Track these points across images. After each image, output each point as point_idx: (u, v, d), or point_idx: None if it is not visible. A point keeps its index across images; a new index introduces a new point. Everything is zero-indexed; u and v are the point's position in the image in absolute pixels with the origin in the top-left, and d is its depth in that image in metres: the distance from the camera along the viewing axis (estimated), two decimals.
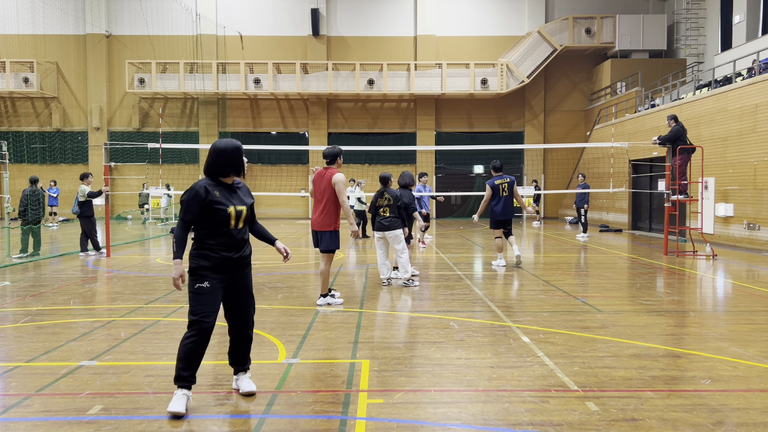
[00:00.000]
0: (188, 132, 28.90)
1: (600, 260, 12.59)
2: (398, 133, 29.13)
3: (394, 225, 8.95)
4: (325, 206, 7.46)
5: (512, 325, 6.47)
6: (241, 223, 4.16)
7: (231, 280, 4.18)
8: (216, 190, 4.08)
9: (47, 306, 7.63)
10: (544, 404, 4.13)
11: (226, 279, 4.13)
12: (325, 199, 7.45)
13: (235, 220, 4.11)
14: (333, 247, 7.49)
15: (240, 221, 4.14)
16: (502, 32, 28.93)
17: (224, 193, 4.11)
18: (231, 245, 4.11)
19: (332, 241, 7.48)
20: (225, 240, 4.09)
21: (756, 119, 14.70)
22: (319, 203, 7.52)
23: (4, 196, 13.92)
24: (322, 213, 7.47)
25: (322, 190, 7.48)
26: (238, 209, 4.11)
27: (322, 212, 7.47)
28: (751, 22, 21.19)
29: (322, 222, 7.47)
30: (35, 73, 27.35)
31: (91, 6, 28.20)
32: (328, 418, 3.91)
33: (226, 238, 4.09)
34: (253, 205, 4.32)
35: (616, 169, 22.07)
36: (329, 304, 7.61)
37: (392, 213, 8.94)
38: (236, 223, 4.12)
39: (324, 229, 7.46)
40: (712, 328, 6.44)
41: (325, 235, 7.48)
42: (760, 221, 14.48)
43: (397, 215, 8.94)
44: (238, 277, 4.22)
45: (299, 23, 28.66)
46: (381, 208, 9.01)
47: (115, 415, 3.94)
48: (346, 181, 7.62)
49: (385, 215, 8.98)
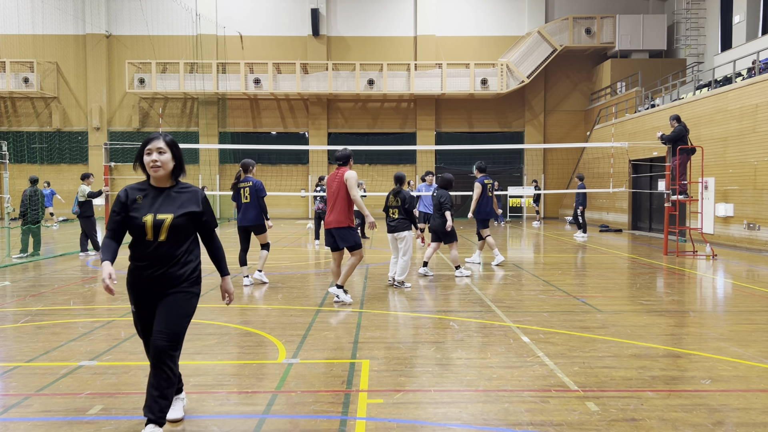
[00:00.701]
0: (188, 132, 28.90)
1: (600, 260, 12.59)
2: (398, 133, 29.13)
3: (400, 227, 9.00)
4: (338, 204, 7.54)
5: (512, 325, 6.47)
6: (163, 235, 3.49)
7: (156, 302, 3.58)
8: (140, 194, 3.58)
9: (47, 306, 7.63)
10: (544, 404, 4.13)
11: (151, 300, 3.57)
12: (338, 198, 7.55)
13: (152, 231, 3.48)
14: (354, 241, 7.56)
15: (161, 233, 3.49)
16: (502, 32, 28.93)
17: (150, 199, 3.57)
18: (147, 260, 3.51)
19: (352, 236, 7.56)
20: (140, 253, 3.53)
21: (756, 119, 14.70)
22: (333, 203, 7.60)
23: (4, 196, 13.92)
24: (335, 211, 7.55)
25: (335, 189, 7.57)
26: (158, 218, 3.49)
27: (335, 210, 7.55)
28: (751, 22, 21.19)
29: (336, 219, 7.55)
30: (35, 73, 27.35)
31: (90, 6, 28.19)
32: (328, 418, 3.91)
33: (142, 251, 3.52)
34: (199, 216, 3.64)
35: (616, 169, 22.07)
36: (338, 297, 7.64)
37: (401, 214, 9.00)
38: (154, 235, 3.49)
39: (338, 226, 7.52)
40: (712, 328, 6.44)
41: (341, 232, 7.53)
42: (760, 221, 14.48)
43: (405, 217, 8.98)
44: (165, 297, 3.57)
45: (299, 23, 28.67)
46: (391, 209, 9.07)
47: (115, 415, 3.94)
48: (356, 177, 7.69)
49: (394, 216, 9.07)
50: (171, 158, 3.60)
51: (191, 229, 3.64)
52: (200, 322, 6.67)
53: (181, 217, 3.54)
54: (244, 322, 6.69)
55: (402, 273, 9.00)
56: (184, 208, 3.57)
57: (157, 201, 3.56)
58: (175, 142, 3.67)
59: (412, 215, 9.03)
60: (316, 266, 11.77)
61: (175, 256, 3.56)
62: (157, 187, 3.62)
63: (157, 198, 3.57)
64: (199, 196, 3.67)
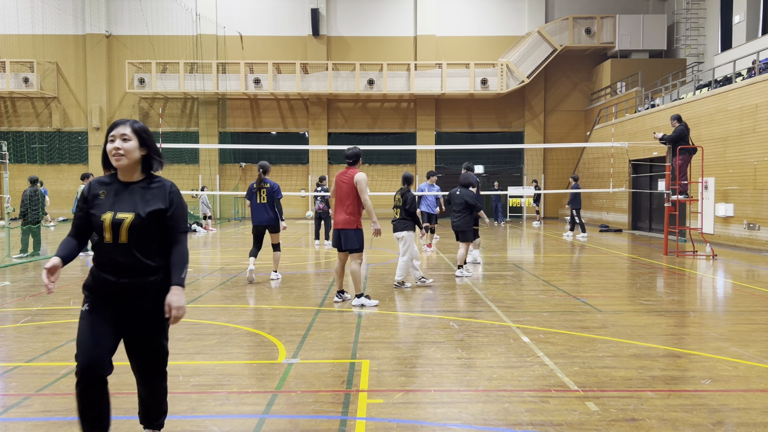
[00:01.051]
0: (188, 132, 28.91)
1: (600, 260, 12.59)
2: (398, 133, 29.13)
3: (399, 227, 9.01)
4: (346, 205, 7.52)
5: (512, 325, 6.47)
6: (124, 237, 2.99)
7: (121, 313, 3.08)
8: (103, 189, 3.10)
9: (47, 306, 7.63)
10: (544, 404, 4.13)
11: (111, 308, 3.07)
12: (348, 199, 7.51)
13: (111, 231, 2.99)
14: (357, 245, 7.53)
15: (121, 233, 2.99)
16: (502, 32, 28.93)
17: (112, 195, 3.08)
18: (108, 264, 3.03)
19: (356, 239, 7.52)
20: (101, 256, 3.07)
21: (756, 119, 14.70)
22: (341, 203, 7.57)
23: (4, 196, 13.91)
24: (344, 212, 7.53)
25: (345, 190, 7.54)
26: (117, 217, 2.99)
27: (344, 211, 7.53)
28: (751, 22, 21.19)
29: (343, 220, 7.53)
30: (35, 73, 27.35)
31: (90, 6, 28.19)
32: (328, 418, 3.90)
33: (102, 253, 3.05)
34: (162, 213, 3.09)
35: (616, 169, 22.07)
36: (363, 305, 7.57)
37: (402, 215, 9.01)
38: (113, 236, 2.99)
39: (347, 227, 7.51)
40: (712, 328, 6.44)
41: (348, 233, 7.52)
42: (760, 221, 14.48)
43: (405, 217, 8.99)
44: (129, 311, 3.08)
45: (299, 23, 28.66)
46: (395, 209, 9.12)
47: (114, 415, 3.93)
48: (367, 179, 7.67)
49: (396, 216, 9.10)
50: (137, 146, 3.07)
51: (156, 229, 3.09)
52: (200, 322, 6.67)
53: (144, 216, 3.01)
54: (244, 322, 6.69)
55: (401, 273, 8.99)
56: (149, 206, 3.05)
57: (119, 197, 3.06)
58: (144, 128, 3.16)
59: (414, 216, 9.02)
60: (316, 266, 11.77)
61: (141, 263, 3.03)
62: (123, 180, 3.11)
63: (121, 193, 3.07)
64: (167, 190, 3.12)
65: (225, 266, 11.63)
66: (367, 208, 7.50)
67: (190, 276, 10.22)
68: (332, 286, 9.16)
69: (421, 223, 9.33)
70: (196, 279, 9.93)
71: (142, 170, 3.14)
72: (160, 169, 3.19)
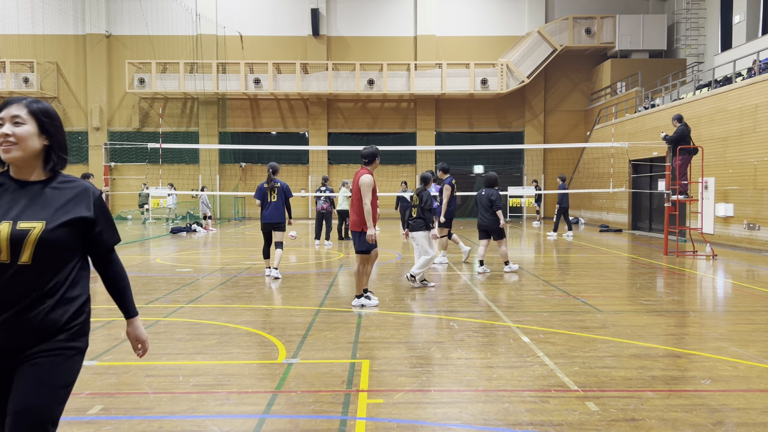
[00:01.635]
0: (188, 132, 28.91)
1: (600, 260, 12.59)
2: (398, 133, 29.13)
3: (415, 226, 9.05)
4: (357, 206, 7.48)
5: (512, 325, 6.47)
6: (26, 255, 2.15)
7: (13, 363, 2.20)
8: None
9: None
10: (544, 404, 4.13)
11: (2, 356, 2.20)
12: (356, 200, 7.48)
13: (9, 248, 2.15)
14: (362, 248, 7.48)
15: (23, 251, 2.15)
16: (502, 32, 28.93)
17: (7, 199, 2.23)
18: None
19: (362, 241, 7.48)
20: None
21: (756, 119, 14.70)
22: (354, 203, 7.54)
23: None
24: (355, 213, 7.52)
25: (356, 190, 7.50)
26: (18, 229, 2.16)
27: (355, 212, 7.52)
28: (751, 22, 21.19)
29: (354, 222, 7.52)
30: (35, 73, 27.35)
31: (90, 6, 28.19)
32: (328, 418, 3.90)
33: None
34: (89, 226, 2.32)
35: (616, 169, 22.07)
36: (363, 306, 7.55)
37: (418, 214, 9.03)
38: (11, 255, 2.15)
39: (356, 229, 7.50)
40: (712, 328, 6.44)
41: (356, 235, 7.52)
42: (760, 221, 14.48)
43: (421, 216, 9.00)
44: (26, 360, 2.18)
45: (299, 23, 28.66)
46: (412, 208, 9.19)
47: (115, 415, 3.94)
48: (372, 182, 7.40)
49: (413, 215, 9.14)
50: (36, 133, 2.24)
51: (76, 246, 2.31)
52: (200, 322, 6.67)
53: (58, 227, 2.21)
54: (244, 322, 6.69)
55: (419, 267, 8.90)
56: (64, 214, 2.24)
57: (17, 201, 2.22)
58: (47, 109, 2.30)
59: (426, 214, 9.02)
60: (317, 266, 11.77)
61: (47, 291, 2.20)
62: (19, 179, 2.28)
63: (19, 196, 2.23)
64: (91, 194, 2.33)
65: (225, 266, 11.63)
66: (365, 211, 7.40)
67: (191, 276, 10.23)
68: (332, 287, 9.16)
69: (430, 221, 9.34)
70: (196, 279, 9.93)
71: (45, 167, 2.30)
72: (61, 169, 2.35)
